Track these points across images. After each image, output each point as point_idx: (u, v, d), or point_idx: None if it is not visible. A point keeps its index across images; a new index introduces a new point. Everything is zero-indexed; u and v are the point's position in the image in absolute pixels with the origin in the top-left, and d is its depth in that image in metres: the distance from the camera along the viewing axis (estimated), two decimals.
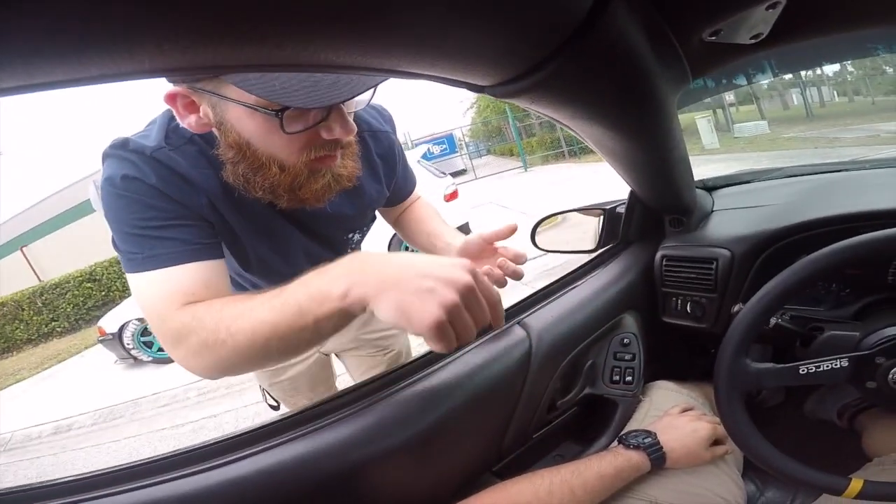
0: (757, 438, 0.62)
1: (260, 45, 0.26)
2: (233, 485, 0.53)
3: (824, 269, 0.58)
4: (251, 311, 0.52)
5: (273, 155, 0.59)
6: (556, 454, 0.81)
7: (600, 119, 0.54)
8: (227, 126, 0.58)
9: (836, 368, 0.60)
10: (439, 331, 0.45)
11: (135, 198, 0.59)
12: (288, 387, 1.21)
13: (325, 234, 0.82)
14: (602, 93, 0.47)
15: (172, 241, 0.59)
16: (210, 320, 0.54)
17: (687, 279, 0.89)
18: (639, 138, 0.62)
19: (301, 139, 0.58)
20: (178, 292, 0.57)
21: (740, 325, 0.61)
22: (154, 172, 0.60)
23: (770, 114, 4.95)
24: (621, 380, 0.81)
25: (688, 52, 0.47)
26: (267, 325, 0.50)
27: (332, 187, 0.65)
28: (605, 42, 0.38)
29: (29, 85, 0.23)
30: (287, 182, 0.61)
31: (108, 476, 0.53)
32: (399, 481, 0.63)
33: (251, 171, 0.61)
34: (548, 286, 0.88)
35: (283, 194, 0.63)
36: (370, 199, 0.83)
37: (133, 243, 0.59)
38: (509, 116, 14.75)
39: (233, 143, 0.58)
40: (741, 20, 0.41)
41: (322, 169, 0.62)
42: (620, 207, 1.00)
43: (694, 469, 0.69)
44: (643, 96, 0.51)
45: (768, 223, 0.84)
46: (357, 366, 1.25)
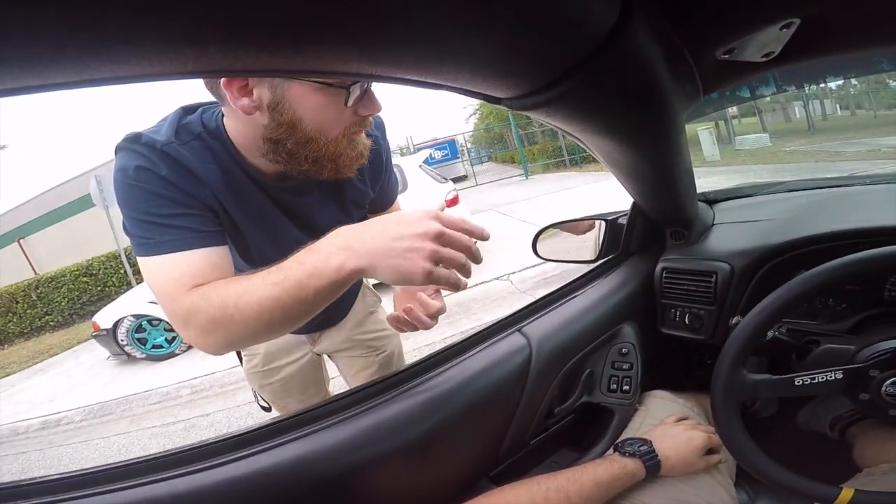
0: (751, 448, 0.63)
1: (300, 55, 0.28)
2: (228, 485, 0.54)
3: (823, 284, 0.59)
4: (255, 287, 0.57)
5: (321, 128, 0.66)
6: (552, 461, 0.81)
7: (612, 133, 0.55)
8: (284, 105, 0.63)
9: (831, 380, 0.61)
10: (435, 278, 0.54)
11: (146, 187, 0.64)
12: (279, 389, 1.22)
13: (320, 225, 0.83)
14: (617, 108, 0.48)
15: (181, 229, 0.64)
16: (217, 298, 0.59)
17: (687, 291, 0.90)
18: (647, 151, 0.64)
19: (347, 113, 0.66)
20: (186, 275, 0.62)
21: (739, 337, 0.62)
22: (164, 164, 0.65)
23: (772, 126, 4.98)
24: (618, 388, 0.82)
25: (701, 69, 0.48)
26: (271, 299, 0.56)
27: (363, 155, 0.74)
28: (624, 59, 0.39)
29: (81, 81, 0.24)
30: (331, 151, 0.69)
31: (102, 474, 0.54)
32: (395, 486, 0.63)
33: (300, 146, 0.67)
34: (548, 295, 0.88)
35: (326, 164, 0.70)
36: (356, 194, 0.88)
37: (144, 229, 0.64)
38: (512, 124, 14.78)
39: (286, 121, 0.64)
40: (754, 39, 0.42)
41: (356, 139, 0.71)
42: (622, 219, 1.01)
43: (688, 477, 0.70)
44: (656, 112, 0.52)
45: (768, 238, 0.84)
46: (349, 366, 1.25)
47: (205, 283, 0.62)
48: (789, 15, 0.38)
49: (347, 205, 0.88)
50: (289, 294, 0.55)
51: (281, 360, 1.18)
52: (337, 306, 1.13)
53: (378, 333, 1.23)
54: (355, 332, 1.19)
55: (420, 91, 0.54)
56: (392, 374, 0.70)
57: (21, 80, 0.22)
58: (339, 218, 0.87)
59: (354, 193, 0.88)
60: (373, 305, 1.25)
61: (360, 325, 1.20)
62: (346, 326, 1.18)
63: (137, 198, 0.64)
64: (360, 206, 0.92)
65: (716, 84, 0.53)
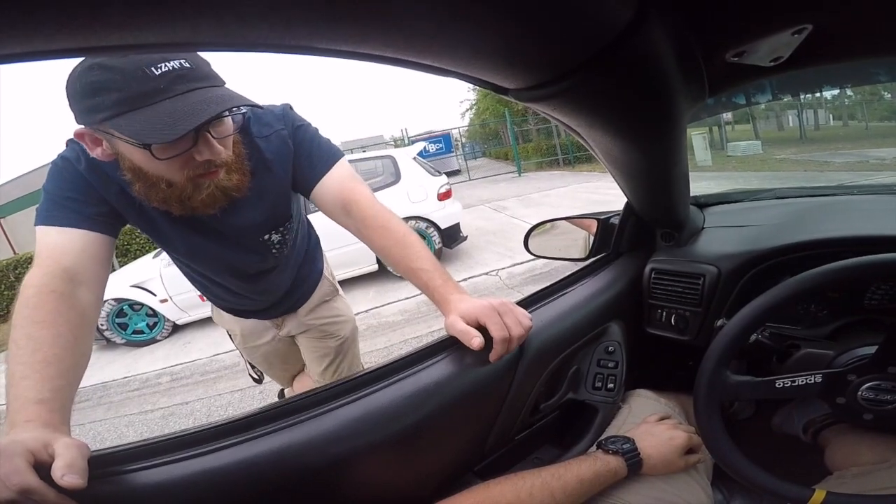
0: (730, 448, 0.64)
1: (315, 36, 0.28)
2: (212, 475, 0.53)
3: (808, 290, 0.60)
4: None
5: (160, 175, 0.74)
6: (536, 457, 0.82)
7: (615, 130, 0.55)
8: (122, 155, 0.72)
9: (810, 384, 0.62)
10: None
11: (62, 173, 0.78)
12: (262, 362, 1.41)
13: (237, 238, 0.96)
14: (623, 105, 0.48)
15: (68, 210, 0.75)
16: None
17: (674, 293, 0.91)
18: (648, 151, 0.64)
19: (178, 162, 0.72)
20: (58, 248, 0.72)
21: (724, 339, 0.63)
22: (85, 162, 0.78)
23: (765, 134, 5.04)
24: (603, 386, 0.83)
25: (710, 70, 0.48)
26: None
27: (217, 197, 0.80)
28: (636, 57, 0.39)
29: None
30: (175, 195, 0.77)
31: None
32: (381, 478, 0.63)
33: (146, 188, 0.76)
34: (538, 291, 0.89)
35: (174, 204, 0.79)
36: (275, 195, 0.94)
37: (46, 204, 0.76)
38: (508, 120, 14.77)
39: (128, 168, 0.74)
40: (766, 43, 0.42)
41: (205, 182, 0.77)
42: (614, 219, 1.02)
43: (667, 476, 0.71)
44: (661, 111, 0.52)
45: (756, 243, 0.86)
46: (308, 347, 1.36)
47: (74, 263, 0.71)
48: (803, 21, 0.39)
49: (271, 209, 0.96)
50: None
51: (256, 340, 1.33)
52: (293, 296, 1.24)
53: (331, 319, 1.34)
54: (309, 317, 1.30)
55: (417, 83, 0.54)
56: (380, 365, 0.69)
57: None
58: (262, 225, 0.97)
59: (274, 195, 0.94)
60: (328, 295, 1.34)
61: (314, 311, 1.30)
62: (301, 313, 1.29)
63: (52, 178, 0.78)
64: (284, 203, 0.98)
65: (721, 86, 0.53)
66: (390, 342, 3.54)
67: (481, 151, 26.68)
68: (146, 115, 0.64)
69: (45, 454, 0.47)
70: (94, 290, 0.73)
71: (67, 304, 0.67)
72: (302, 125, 0.93)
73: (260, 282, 1.11)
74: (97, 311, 0.74)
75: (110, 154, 0.72)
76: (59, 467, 0.45)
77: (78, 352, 0.64)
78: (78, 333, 0.65)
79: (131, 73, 0.63)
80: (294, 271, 1.19)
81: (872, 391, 0.61)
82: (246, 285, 1.11)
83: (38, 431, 0.50)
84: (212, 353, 4.08)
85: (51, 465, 0.46)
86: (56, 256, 0.71)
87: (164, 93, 0.65)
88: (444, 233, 4.88)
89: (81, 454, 0.47)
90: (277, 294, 1.19)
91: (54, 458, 0.46)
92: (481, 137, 26.42)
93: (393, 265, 0.85)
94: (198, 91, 0.67)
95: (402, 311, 4.11)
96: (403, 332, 3.73)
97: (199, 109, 0.66)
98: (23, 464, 0.45)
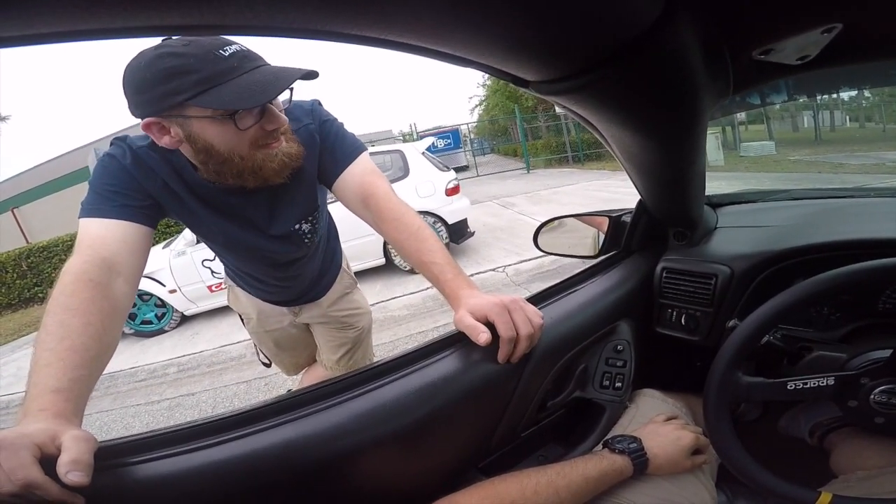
0: (737, 449, 0.64)
1: (341, 20, 0.28)
2: (217, 467, 0.53)
3: (823, 293, 0.60)
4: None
5: (233, 149, 0.78)
6: (541, 454, 0.82)
7: (635, 125, 0.54)
8: (194, 136, 0.76)
9: (823, 386, 0.62)
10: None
11: (108, 168, 0.82)
12: (273, 346, 1.47)
13: (271, 227, 1.00)
14: (647, 101, 0.48)
15: (112, 202, 0.79)
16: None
17: (685, 292, 0.90)
18: (667, 148, 0.63)
19: (250, 133, 0.77)
20: (98, 237, 0.76)
21: (737, 339, 0.63)
22: (130, 158, 0.83)
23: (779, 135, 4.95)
24: (611, 385, 0.82)
25: (736, 67, 0.48)
26: None
27: (285, 164, 0.84)
28: (662, 53, 0.38)
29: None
30: (248, 167, 0.81)
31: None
32: (386, 472, 0.63)
33: (220, 165, 0.80)
34: (548, 288, 0.88)
35: (248, 177, 0.83)
36: (306, 186, 0.99)
37: (91, 197, 0.80)
38: (517, 117, 14.70)
39: (201, 148, 0.77)
40: (794, 41, 0.41)
41: (273, 150, 0.82)
42: (626, 216, 1.01)
43: (672, 476, 0.70)
44: (684, 108, 0.52)
45: (770, 244, 0.85)
46: (325, 336, 1.42)
47: (113, 254, 0.74)
48: (834, 19, 0.38)
49: (305, 196, 1.01)
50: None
51: (271, 324, 1.39)
52: (317, 286, 1.31)
53: (351, 311, 1.41)
54: (331, 309, 1.36)
55: (426, 78, 0.54)
56: (387, 359, 0.69)
57: None
58: (294, 213, 1.02)
59: (305, 184, 0.98)
60: (348, 287, 1.42)
61: (335, 303, 1.37)
62: (324, 304, 1.35)
63: (98, 174, 0.82)
64: (310, 184, 1.01)
65: (745, 84, 0.52)
66: (396, 336, 3.56)
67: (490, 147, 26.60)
68: (231, 88, 0.70)
69: (52, 447, 0.47)
70: (129, 281, 0.75)
71: (102, 294, 0.68)
72: (328, 120, 0.97)
73: (290, 270, 1.16)
74: (130, 303, 0.76)
75: (178, 141, 0.76)
76: (64, 463, 0.45)
77: (105, 342, 0.64)
78: (108, 323, 0.66)
79: (203, 56, 0.69)
80: (319, 261, 1.25)
81: (885, 395, 0.61)
82: (277, 274, 1.17)
83: (48, 422, 0.50)
84: (219, 344, 4.13)
85: (57, 458, 0.45)
86: (96, 246, 0.74)
87: (238, 70, 0.71)
88: (451, 228, 4.88)
89: (88, 448, 0.48)
90: (304, 283, 1.25)
91: (61, 451, 0.46)
92: (490, 133, 26.34)
93: (406, 257, 0.88)
94: (263, 68, 0.74)
95: (408, 306, 4.12)
96: (409, 326, 3.74)
97: (276, 79, 0.72)
98: (28, 458, 0.45)
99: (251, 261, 1.13)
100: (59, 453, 0.46)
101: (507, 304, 0.68)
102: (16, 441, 0.45)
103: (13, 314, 9.48)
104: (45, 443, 0.47)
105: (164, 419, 3.18)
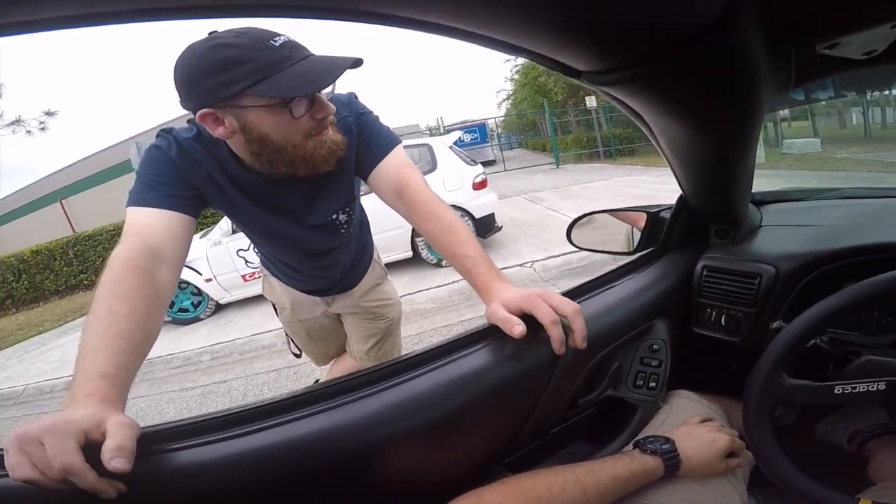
0: (776, 451, 0.63)
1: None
2: (255, 454, 0.54)
3: (879, 295, 0.58)
4: None
5: (286, 137, 0.80)
6: (567, 452, 0.81)
7: (689, 118, 0.53)
8: (248, 126, 0.77)
9: (872, 391, 0.60)
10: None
11: (155, 160, 0.85)
12: (305, 336, 1.51)
13: (310, 217, 1.03)
14: (704, 92, 0.46)
15: (158, 192, 0.82)
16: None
17: (726, 292, 0.87)
18: (720, 141, 0.61)
19: (302, 122, 0.79)
20: (144, 225, 0.78)
21: (784, 340, 0.62)
22: (176, 150, 0.86)
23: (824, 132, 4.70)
24: (645, 385, 0.81)
25: (798, 61, 0.46)
26: None
27: (333, 151, 0.87)
28: (725, 45, 0.37)
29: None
30: (300, 154, 0.84)
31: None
32: (414, 463, 0.64)
33: (273, 154, 0.82)
34: (582, 285, 0.87)
35: (300, 165, 0.86)
36: (344, 177, 1.01)
37: (138, 187, 0.83)
38: (546, 112, 14.49)
39: (255, 138, 0.79)
40: (861, 37, 0.40)
41: (322, 138, 0.85)
42: (665, 213, 0.98)
43: (703, 479, 0.69)
44: (743, 100, 0.50)
45: (819, 244, 0.81)
46: (356, 326, 1.46)
47: (158, 242, 0.76)
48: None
49: (342, 186, 1.03)
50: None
51: (304, 314, 1.43)
52: (349, 276, 1.34)
53: (382, 302, 1.44)
54: (363, 300, 1.40)
55: (452, 73, 0.53)
56: (420, 351, 0.69)
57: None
58: (332, 203, 1.04)
59: (345, 174, 1.00)
60: (380, 278, 1.45)
61: (367, 294, 1.40)
62: (356, 294, 1.38)
63: (145, 164, 0.85)
64: (348, 175, 1.03)
65: (806, 77, 0.51)
66: (421, 329, 3.59)
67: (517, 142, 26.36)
68: (286, 76, 0.72)
69: (97, 433, 0.48)
70: (173, 269, 0.78)
71: (147, 280, 0.70)
72: (364, 112, 0.99)
73: (325, 260, 1.19)
74: (173, 291, 0.78)
75: (231, 132, 0.78)
76: (108, 449, 0.46)
77: (148, 328, 0.66)
78: (152, 310, 0.68)
79: (256, 46, 0.71)
80: (352, 252, 1.27)
81: None
82: (312, 263, 1.20)
83: (94, 408, 0.51)
84: (251, 332, 4.25)
85: (101, 444, 0.47)
86: (143, 234, 0.76)
87: (290, 59, 0.73)
88: (478, 222, 4.87)
89: (132, 434, 0.49)
90: (337, 273, 1.28)
91: (106, 437, 0.47)
92: (518, 128, 26.07)
93: (439, 250, 0.88)
94: (311, 57, 0.75)
95: (434, 300, 4.14)
96: (434, 320, 3.76)
97: (328, 68, 0.74)
98: (73, 444, 0.46)
99: (288, 250, 1.15)
100: (104, 439, 0.47)
101: (540, 293, 0.68)
102: (63, 427, 0.47)
103: (60, 300, 9.99)
104: (91, 429, 0.48)
105: (196, 406, 3.29)
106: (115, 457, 0.45)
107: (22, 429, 0.47)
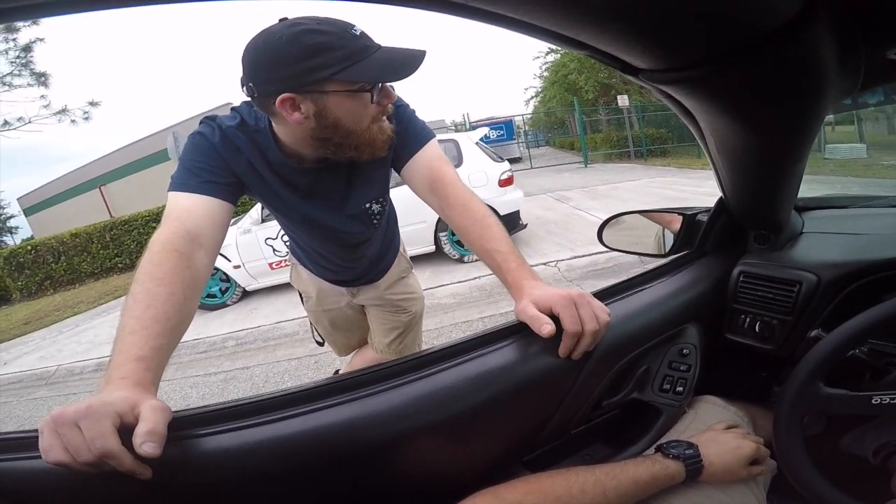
0: (804, 460, 0.62)
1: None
2: (281, 442, 0.55)
3: None
4: None
5: (357, 122, 0.83)
6: (586, 453, 0.80)
7: (747, 120, 0.51)
8: (326, 111, 0.79)
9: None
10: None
11: (198, 147, 0.87)
12: (329, 325, 1.53)
13: (346, 206, 1.05)
14: (768, 95, 0.45)
15: (199, 178, 0.84)
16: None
17: (763, 298, 0.84)
18: (777, 144, 0.59)
19: (374, 109, 0.83)
20: (184, 210, 0.80)
21: (823, 349, 0.61)
22: (219, 137, 0.88)
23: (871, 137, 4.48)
24: (671, 389, 0.79)
25: (867, 65, 0.45)
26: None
27: (390, 137, 0.90)
28: (795, 49, 0.36)
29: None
30: (367, 138, 0.86)
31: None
32: (435, 456, 0.64)
33: (344, 138, 0.84)
34: (613, 286, 0.86)
35: (364, 148, 0.88)
36: (380, 167, 1.03)
37: (180, 172, 0.85)
38: (576, 110, 14.24)
39: (330, 123, 0.81)
40: None
41: (384, 124, 0.88)
42: (701, 215, 0.96)
43: (725, 486, 0.67)
44: (808, 104, 0.48)
45: (864, 253, 0.78)
46: (379, 319, 1.47)
47: (197, 226, 0.78)
48: None
49: (375, 177, 1.05)
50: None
51: (329, 304, 1.45)
52: (376, 268, 1.35)
53: (406, 295, 1.45)
54: (387, 292, 1.41)
55: (479, 69, 0.52)
56: (446, 345, 0.70)
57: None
58: (366, 193, 1.05)
59: (379, 165, 1.02)
60: (405, 272, 1.46)
61: (392, 287, 1.41)
62: (381, 286, 1.39)
63: (188, 150, 0.87)
64: (384, 172, 1.06)
65: (872, 82, 0.49)
66: (441, 324, 3.60)
67: (544, 140, 26.04)
68: (373, 63, 0.75)
69: (131, 416, 0.48)
70: (209, 254, 0.79)
71: (185, 264, 0.71)
72: (401, 105, 1.00)
73: (356, 252, 1.22)
74: (208, 275, 0.80)
75: (306, 118, 0.79)
76: (140, 433, 0.46)
77: (184, 312, 0.68)
78: (189, 294, 0.69)
79: (342, 34, 0.74)
80: (379, 243, 1.29)
81: None
82: (343, 254, 1.22)
83: (129, 391, 0.52)
84: (275, 320, 4.34)
85: (134, 427, 0.47)
86: (183, 218, 0.78)
87: (372, 48, 0.76)
88: (503, 219, 4.79)
89: (164, 418, 0.49)
90: (365, 264, 1.29)
91: (139, 420, 0.48)
92: (546, 126, 25.75)
93: (470, 244, 0.88)
94: (385, 48, 0.78)
95: (455, 295, 4.15)
96: (454, 315, 3.77)
97: (408, 58, 0.77)
98: (109, 427, 0.46)
99: (322, 240, 1.17)
100: (137, 422, 0.48)
101: (575, 297, 0.66)
102: (99, 410, 0.47)
103: (95, 282, 10.46)
104: (126, 412, 0.49)
105: (218, 391, 3.37)
106: (147, 441, 0.46)
107: (58, 411, 0.48)
